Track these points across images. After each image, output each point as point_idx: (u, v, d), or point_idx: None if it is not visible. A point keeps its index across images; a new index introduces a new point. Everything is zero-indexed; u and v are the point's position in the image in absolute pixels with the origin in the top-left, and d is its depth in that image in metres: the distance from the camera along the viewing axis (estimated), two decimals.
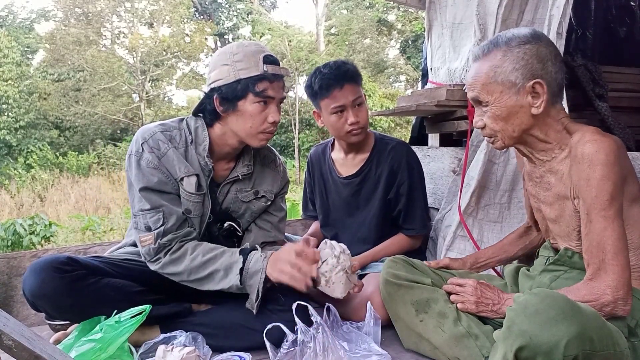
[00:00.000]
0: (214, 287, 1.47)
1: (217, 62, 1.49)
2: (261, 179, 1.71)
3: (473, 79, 1.26)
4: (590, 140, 1.15)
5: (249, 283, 1.44)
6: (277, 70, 1.49)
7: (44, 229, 5.34)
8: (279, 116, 1.53)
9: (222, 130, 1.56)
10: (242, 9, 20.91)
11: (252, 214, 1.70)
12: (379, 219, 1.98)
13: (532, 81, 1.18)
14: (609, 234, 1.11)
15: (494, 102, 1.23)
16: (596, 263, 1.13)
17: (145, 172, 1.47)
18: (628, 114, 2.61)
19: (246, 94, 1.46)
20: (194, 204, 1.53)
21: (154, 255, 1.48)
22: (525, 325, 0.95)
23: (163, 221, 1.47)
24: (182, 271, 1.47)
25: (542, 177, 1.31)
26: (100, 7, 17.33)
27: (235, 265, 1.44)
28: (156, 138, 1.50)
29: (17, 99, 14.74)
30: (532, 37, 1.20)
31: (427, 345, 1.40)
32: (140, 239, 1.48)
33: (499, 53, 1.21)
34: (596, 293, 1.11)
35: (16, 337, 0.76)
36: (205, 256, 1.46)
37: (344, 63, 1.87)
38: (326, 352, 1.24)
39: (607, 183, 1.11)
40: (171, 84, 19.43)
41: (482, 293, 1.34)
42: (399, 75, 19.82)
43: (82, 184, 10.95)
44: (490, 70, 1.22)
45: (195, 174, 1.52)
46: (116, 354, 1.26)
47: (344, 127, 1.87)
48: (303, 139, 14.86)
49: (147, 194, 1.47)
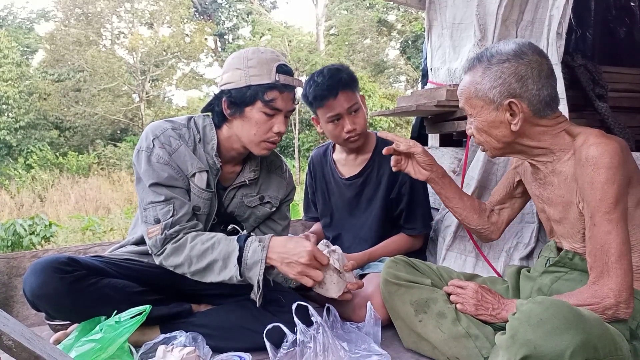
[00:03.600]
0: (215, 278, 1.42)
1: (231, 64, 1.49)
2: (267, 185, 1.70)
3: (460, 90, 1.32)
4: (594, 144, 1.15)
5: (249, 275, 1.38)
6: (289, 81, 1.48)
7: (44, 229, 5.35)
8: (284, 127, 1.51)
9: (228, 133, 1.55)
10: (242, 9, 20.91)
11: (256, 219, 1.70)
12: (381, 219, 1.99)
13: (508, 100, 1.21)
14: (613, 238, 1.11)
15: (476, 116, 1.28)
16: (599, 266, 1.13)
17: (156, 168, 1.46)
18: (628, 114, 2.60)
19: (254, 100, 1.45)
20: (204, 201, 1.53)
21: (160, 247, 1.45)
22: (530, 334, 0.95)
23: (173, 212, 1.45)
24: (182, 262, 1.43)
25: (545, 177, 1.31)
26: (100, 7, 17.33)
27: (232, 254, 1.39)
28: (167, 134, 1.50)
29: (17, 99, 14.74)
30: (514, 54, 1.21)
31: (426, 345, 1.40)
32: (148, 231, 1.46)
33: (480, 69, 1.25)
34: (599, 296, 1.11)
35: (16, 337, 0.76)
36: (205, 244, 1.42)
37: (338, 70, 1.84)
38: (326, 352, 1.24)
39: (611, 186, 1.11)
40: (171, 84, 19.44)
41: (482, 297, 1.34)
42: (399, 75, 19.83)
43: (82, 184, 10.95)
44: (472, 86, 1.26)
45: (206, 170, 1.52)
46: (116, 354, 1.26)
47: (341, 135, 1.88)
48: (303, 140, 14.86)
49: (157, 188, 1.46)
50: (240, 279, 1.39)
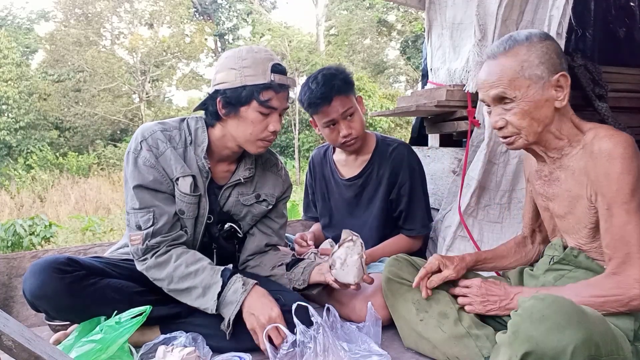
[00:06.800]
0: (190, 302, 1.46)
1: (225, 64, 1.48)
2: (262, 183, 1.70)
3: (498, 75, 1.22)
4: (606, 136, 1.15)
5: (223, 310, 1.42)
6: (284, 81, 1.48)
7: (44, 230, 5.35)
8: (279, 126, 1.52)
9: (222, 132, 1.55)
10: (242, 10, 20.92)
11: (253, 217, 1.70)
12: (380, 220, 1.99)
13: (557, 74, 1.19)
14: (633, 227, 1.11)
15: (522, 97, 1.20)
16: (620, 257, 1.12)
17: (142, 170, 1.47)
18: (628, 114, 2.61)
19: (250, 100, 1.45)
20: (187, 204, 1.53)
21: (141, 255, 1.48)
22: (532, 331, 0.95)
23: (153, 221, 1.46)
24: (163, 277, 1.46)
25: (551, 173, 1.31)
26: (100, 7, 17.34)
27: (214, 286, 1.42)
28: (155, 137, 1.50)
29: (17, 100, 14.75)
30: (546, 35, 1.23)
31: (426, 345, 1.40)
32: (131, 237, 1.48)
33: (522, 48, 1.20)
34: (623, 287, 1.10)
35: (16, 337, 0.76)
36: (189, 268, 1.45)
37: (332, 76, 1.82)
38: (326, 352, 1.24)
39: (627, 176, 1.11)
40: (171, 84, 19.45)
41: (487, 290, 1.33)
42: (399, 75, 19.84)
43: (82, 185, 10.95)
44: (517, 65, 1.20)
45: (191, 174, 1.52)
46: (116, 355, 1.26)
47: (338, 139, 1.88)
48: (303, 140, 14.86)
49: (140, 191, 1.47)
50: (215, 312, 1.42)
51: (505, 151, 1.92)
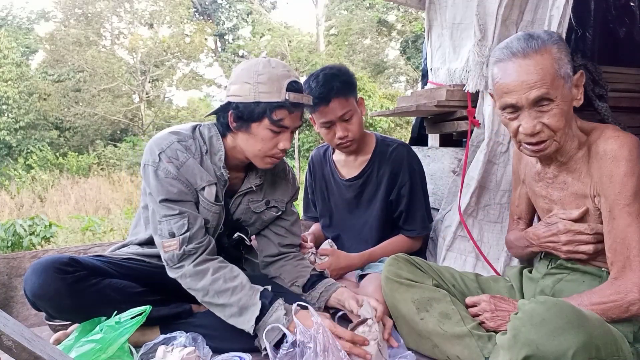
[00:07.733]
0: (223, 318, 1.42)
1: (240, 77, 1.44)
2: (272, 189, 1.69)
3: (540, 75, 1.13)
4: (612, 137, 1.14)
5: (263, 334, 1.32)
6: (299, 99, 1.44)
7: (44, 230, 5.35)
8: (289, 144, 1.49)
9: (233, 143, 1.54)
10: (242, 10, 20.91)
11: (262, 223, 1.70)
12: (380, 220, 1.99)
13: (578, 72, 1.16)
14: (634, 230, 1.10)
15: (560, 97, 1.15)
16: (621, 261, 1.12)
17: (164, 183, 1.43)
18: (628, 114, 2.60)
19: (262, 118, 1.42)
20: (213, 214, 1.51)
21: (177, 262, 1.44)
22: (532, 334, 0.94)
23: (188, 226, 1.43)
24: (199, 289, 1.42)
25: (556, 177, 1.29)
26: (100, 7, 17.34)
27: (251, 308, 1.37)
28: (174, 148, 1.46)
29: (17, 100, 14.74)
30: (559, 34, 1.22)
31: (427, 344, 1.40)
32: (163, 244, 1.44)
33: (553, 46, 1.15)
34: (622, 292, 1.10)
35: (16, 337, 0.76)
36: (227, 284, 1.40)
37: (334, 76, 1.80)
38: (326, 352, 1.24)
39: (631, 179, 1.10)
40: (171, 84, 19.44)
41: (496, 307, 1.32)
42: (399, 75, 19.83)
43: (82, 185, 10.94)
44: (555, 64, 1.14)
45: (214, 182, 1.50)
46: (116, 355, 1.26)
47: (334, 141, 1.88)
48: (303, 140, 14.86)
49: (168, 204, 1.44)
50: (252, 334, 1.38)
51: (505, 151, 1.92)
